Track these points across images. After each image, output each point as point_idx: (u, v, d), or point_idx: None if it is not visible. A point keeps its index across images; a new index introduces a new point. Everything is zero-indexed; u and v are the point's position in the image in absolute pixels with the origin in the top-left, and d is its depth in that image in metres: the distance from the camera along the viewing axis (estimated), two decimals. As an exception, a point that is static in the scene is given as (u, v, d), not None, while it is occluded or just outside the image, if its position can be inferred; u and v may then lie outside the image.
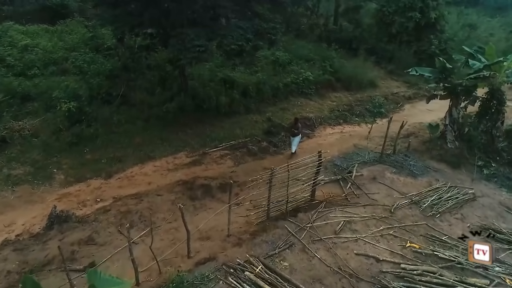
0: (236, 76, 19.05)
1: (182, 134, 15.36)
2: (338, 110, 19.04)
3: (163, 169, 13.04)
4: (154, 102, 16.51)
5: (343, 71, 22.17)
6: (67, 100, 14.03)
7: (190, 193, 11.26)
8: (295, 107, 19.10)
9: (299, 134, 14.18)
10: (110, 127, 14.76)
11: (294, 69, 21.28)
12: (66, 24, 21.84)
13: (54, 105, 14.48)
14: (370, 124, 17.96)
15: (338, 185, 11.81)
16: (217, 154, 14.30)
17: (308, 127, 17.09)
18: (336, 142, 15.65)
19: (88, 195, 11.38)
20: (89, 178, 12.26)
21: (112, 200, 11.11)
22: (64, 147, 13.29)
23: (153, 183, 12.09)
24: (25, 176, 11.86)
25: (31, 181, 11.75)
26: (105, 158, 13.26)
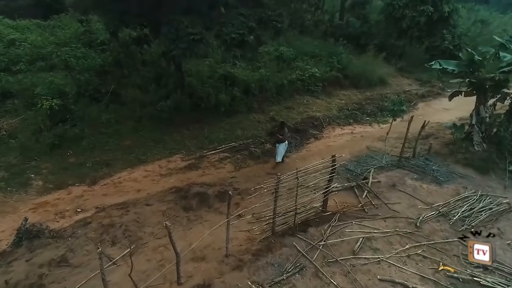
0: (237, 72, 17.68)
1: (178, 135, 13.96)
2: (348, 109, 17.59)
3: (155, 174, 11.64)
4: (148, 100, 15.09)
5: (351, 67, 20.75)
6: (50, 97, 12.64)
7: (184, 203, 9.83)
8: (300, 105, 17.69)
9: (285, 140, 12.13)
10: (98, 127, 13.38)
11: (299, 65, 19.89)
12: (59, 19, 20.74)
13: (35, 103, 13.11)
14: (382, 124, 16.56)
15: (353, 193, 10.36)
16: (215, 157, 12.88)
17: (316, 127, 15.66)
18: (347, 144, 14.20)
19: (68, 205, 9.98)
20: (70, 185, 10.87)
21: (95, 211, 9.71)
22: (45, 150, 11.91)
23: (143, 191, 10.69)
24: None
25: (4, 188, 10.37)
26: (91, 162, 11.87)
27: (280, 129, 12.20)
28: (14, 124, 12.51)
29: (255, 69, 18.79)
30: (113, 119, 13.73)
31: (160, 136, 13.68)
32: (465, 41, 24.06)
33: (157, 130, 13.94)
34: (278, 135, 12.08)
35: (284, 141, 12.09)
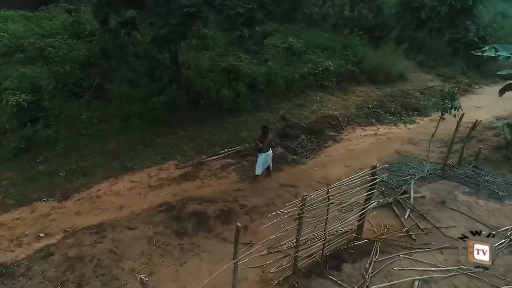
0: (242, 65, 15.51)
1: (172, 137, 11.79)
2: (368, 107, 15.40)
3: (142, 186, 9.46)
4: (137, 96, 12.93)
5: (368, 61, 18.58)
6: (19, 92, 10.48)
7: (176, 226, 7.65)
8: (314, 103, 15.54)
9: (268, 149, 9.68)
10: (76, 127, 11.23)
11: (311, 58, 17.74)
12: (48, 10, 18.73)
13: (2, 99, 10.96)
14: (409, 124, 14.39)
15: (391, 212, 8.19)
16: (217, 164, 10.71)
17: (333, 128, 13.47)
18: (372, 148, 12.03)
19: (29, 227, 7.81)
20: (36, 200, 8.70)
21: (62, 236, 7.54)
22: (8, 155, 9.77)
23: (126, 208, 8.51)
24: None
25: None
26: (64, 170, 9.71)
27: (262, 135, 9.74)
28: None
29: (261, 62, 16.67)
30: (95, 117, 11.58)
31: (151, 138, 11.52)
32: (490, 33, 21.90)
33: (147, 131, 11.78)
34: (257, 142, 9.69)
35: (264, 150, 9.58)
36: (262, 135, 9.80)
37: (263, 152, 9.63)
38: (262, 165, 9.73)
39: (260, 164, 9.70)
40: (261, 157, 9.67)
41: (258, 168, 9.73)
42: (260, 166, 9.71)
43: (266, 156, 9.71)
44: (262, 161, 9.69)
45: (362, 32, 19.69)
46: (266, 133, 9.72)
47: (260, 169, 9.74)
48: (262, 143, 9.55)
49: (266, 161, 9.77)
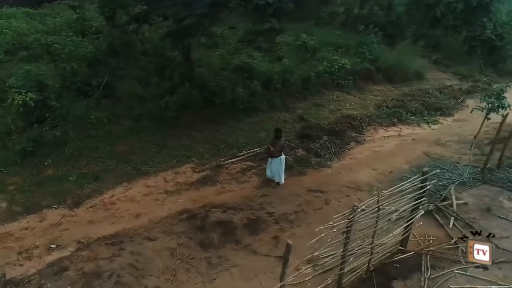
0: (255, 63, 14.84)
1: (187, 138, 11.12)
2: (388, 107, 14.75)
3: (158, 191, 8.79)
4: (148, 95, 12.32)
5: (383, 59, 17.94)
6: (24, 90, 9.78)
7: (201, 236, 6.97)
8: (331, 102, 14.88)
9: (281, 154, 8.95)
10: (86, 128, 10.54)
11: (326, 56, 17.08)
12: (51, 7, 18.11)
13: (6, 98, 10.29)
14: (433, 124, 13.73)
15: (432, 220, 7.52)
16: (236, 167, 10.04)
17: (355, 128, 12.81)
18: (398, 150, 11.37)
19: (39, 237, 7.14)
20: (45, 207, 8.02)
21: (75, 247, 6.86)
22: (14, 159, 9.06)
23: (143, 216, 7.84)
24: None
25: (-50, 214, 7.55)
26: (75, 175, 9.02)
27: (274, 138, 9.10)
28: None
29: (273, 60, 16.04)
30: (105, 118, 10.88)
31: (164, 140, 10.84)
32: (508, 31, 21.23)
33: (160, 132, 11.10)
34: (269, 146, 8.92)
35: (276, 155, 8.88)
36: (274, 138, 9.12)
37: (276, 157, 8.91)
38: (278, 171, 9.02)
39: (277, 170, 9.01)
40: (275, 162, 8.95)
41: (276, 174, 9.05)
42: (278, 171, 9.02)
43: (281, 162, 8.99)
44: (278, 167, 8.98)
45: (377, 29, 18.98)
46: (279, 136, 9.05)
47: (278, 175, 9.05)
48: (274, 147, 8.80)
49: (281, 166, 9.03)
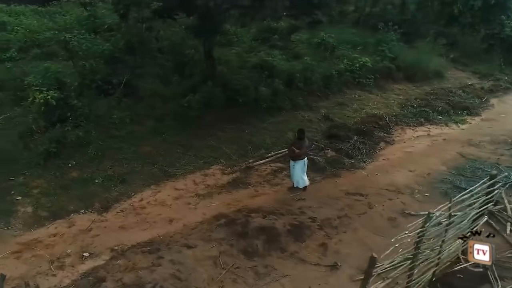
0: (275, 61, 14.41)
1: (212, 139, 10.69)
2: (412, 106, 14.32)
3: (189, 195, 8.37)
4: (170, 94, 11.89)
5: (402, 58, 17.53)
6: (45, 88, 9.36)
7: (243, 243, 6.54)
8: (353, 101, 14.46)
9: (304, 156, 8.45)
10: (108, 128, 10.11)
11: (345, 54, 16.64)
12: (59, 5, 17.71)
13: (26, 96, 9.86)
14: (461, 124, 13.29)
15: (486, 225, 7.06)
16: (266, 168, 9.62)
17: (382, 128, 12.38)
18: (430, 150, 10.95)
19: (69, 244, 6.71)
20: (73, 212, 7.60)
21: (109, 256, 6.44)
22: (37, 160, 8.62)
23: (177, 221, 7.42)
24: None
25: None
26: (100, 177, 8.59)
27: (297, 140, 8.54)
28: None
29: (290, 58, 15.64)
30: (127, 117, 10.45)
31: (189, 140, 10.41)
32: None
33: (183, 132, 10.67)
34: (293, 148, 8.33)
35: (301, 157, 8.35)
36: (297, 140, 8.55)
37: (298, 160, 8.34)
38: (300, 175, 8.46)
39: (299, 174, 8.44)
40: (298, 165, 8.37)
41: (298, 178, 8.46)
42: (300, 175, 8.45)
43: (302, 165, 8.45)
44: (300, 170, 8.42)
45: (396, 27, 18.51)
46: (302, 138, 8.52)
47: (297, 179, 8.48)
48: (298, 149, 8.25)
49: (303, 169, 8.53)
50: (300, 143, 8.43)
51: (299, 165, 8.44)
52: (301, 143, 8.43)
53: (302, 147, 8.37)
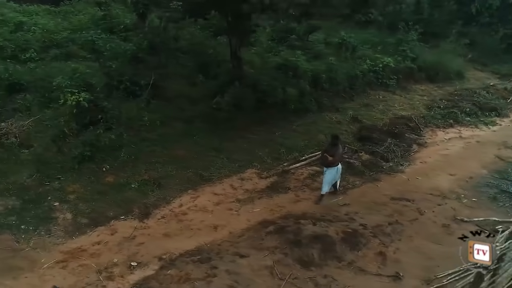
0: (299, 62, 14.13)
1: (243, 141, 10.43)
2: (439, 107, 14.07)
3: (229, 200, 8.11)
4: (198, 95, 11.64)
5: (423, 58, 17.29)
6: (75, 90, 9.10)
7: (298, 252, 6.27)
8: (379, 102, 14.21)
9: (338, 164, 8.04)
10: (138, 131, 9.84)
11: (367, 54, 16.37)
12: (71, 5, 17.44)
13: (55, 98, 9.60)
14: (491, 125, 13.05)
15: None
16: (303, 172, 9.36)
17: (412, 130, 12.14)
18: (467, 153, 10.70)
19: (114, 253, 6.44)
20: (112, 218, 7.34)
21: (158, 265, 6.18)
22: (71, 164, 8.35)
23: (222, 228, 7.17)
24: (5, 218, 6.94)
25: (15, 226, 6.83)
26: (136, 182, 8.32)
27: (330, 145, 8.10)
28: (26, 127, 8.96)
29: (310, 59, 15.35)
30: (157, 120, 10.19)
31: (220, 143, 10.14)
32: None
33: (214, 135, 10.39)
34: (326, 155, 7.88)
35: (335, 164, 7.96)
36: (331, 146, 8.07)
37: (330, 167, 7.94)
38: (330, 182, 8.11)
39: (328, 181, 8.05)
40: (330, 172, 7.98)
41: (325, 185, 8.06)
42: (328, 183, 8.08)
43: (336, 172, 8.09)
44: (331, 178, 8.05)
45: (417, 27, 18.25)
46: (336, 144, 8.08)
47: (327, 186, 8.10)
48: (332, 156, 7.82)
49: (335, 177, 8.15)
50: (334, 149, 7.98)
51: (330, 172, 7.99)
52: (334, 150, 7.96)
53: (336, 154, 7.88)
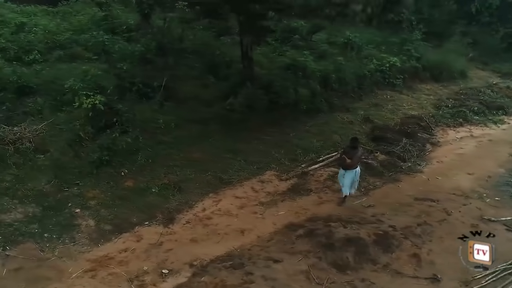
0: (307, 62, 14.05)
1: (258, 143, 10.32)
2: (447, 106, 14.13)
3: (252, 203, 8.00)
4: (210, 97, 11.49)
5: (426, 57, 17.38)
6: (90, 92, 8.88)
7: (332, 256, 6.18)
8: (387, 102, 14.23)
9: (357, 166, 7.94)
10: (154, 134, 9.66)
11: (372, 54, 16.38)
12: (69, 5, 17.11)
13: (68, 101, 9.39)
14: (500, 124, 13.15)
15: None
16: (322, 173, 9.29)
17: (424, 129, 12.17)
18: (481, 152, 10.75)
19: (143, 261, 6.28)
20: (136, 224, 7.17)
21: (190, 272, 6.03)
22: (89, 169, 8.14)
23: (249, 232, 7.05)
24: (27, 226, 6.72)
25: (38, 234, 6.61)
26: (156, 186, 8.16)
27: (350, 148, 7.99)
28: (40, 131, 8.70)
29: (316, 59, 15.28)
30: (172, 122, 10.01)
31: (236, 145, 10.01)
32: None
33: (229, 137, 10.26)
34: (345, 158, 7.71)
35: (354, 167, 7.84)
36: (350, 148, 7.95)
37: (350, 170, 7.80)
38: (350, 184, 7.97)
39: (348, 184, 7.92)
40: (349, 174, 7.85)
41: (346, 187, 7.93)
42: (349, 185, 7.94)
43: (355, 175, 7.96)
44: (350, 180, 7.93)
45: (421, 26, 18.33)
46: (356, 146, 7.96)
47: (348, 188, 7.96)
48: (350, 158, 7.67)
49: (354, 179, 8.02)
50: (353, 152, 7.84)
51: (349, 174, 7.86)
52: (354, 153, 7.82)
53: (355, 157, 7.76)
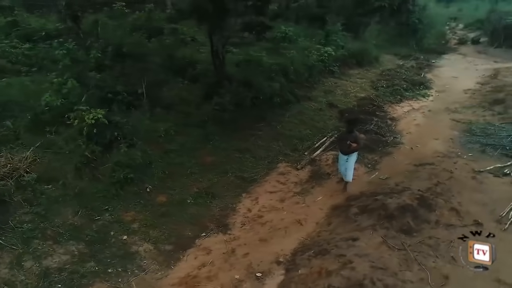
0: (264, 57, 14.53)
1: (255, 139, 10.43)
2: (383, 87, 16.26)
3: (288, 195, 8.21)
4: (192, 99, 11.08)
5: (348, 47, 19.59)
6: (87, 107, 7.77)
7: (398, 224, 6.78)
8: (335, 88, 15.61)
9: (357, 149, 8.14)
10: (158, 143, 8.97)
11: (311, 46, 17.68)
12: None
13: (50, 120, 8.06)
14: (424, 97, 15.71)
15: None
16: (327, 158, 9.93)
17: (378, 108, 13.88)
18: (430, 122, 12.73)
19: (229, 271, 6.02)
20: (195, 237, 6.75)
21: (282, 269, 6.06)
22: (113, 191, 7.21)
23: (305, 221, 7.31)
24: (82, 266, 5.72)
25: (102, 272, 5.71)
26: (189, 196, 7.71)
27: (348, 133, 8.07)
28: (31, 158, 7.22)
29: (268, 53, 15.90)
30: (171, 129, 9.40)
31: (238, 144, 9.97)
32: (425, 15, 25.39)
33: (226, 136, 10.15)
34: (349, 143, 7.80)
35: (355, 150, 8.05)
36: (348, 133, 8.04)
37: (352, 154, 8.06)
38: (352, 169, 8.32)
39: (352, 167, 8.19)
40: (352, 159, 8.10)
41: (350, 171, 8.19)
42: (352, 169, 8.22)
43: (355, 158, 8.28)
44: (353, 164, 8.23)
45: (341, 18, 20.41)
46: (352, 130, 8.09)
47: (351, 172, 8.24)
48: (355, 142, 7.85)
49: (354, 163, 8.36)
50: (353, 136, 7.99)
51: (352, 158, 8.14)
52: (354, 136, 7.99)
53: (358, 140, 8.01)
